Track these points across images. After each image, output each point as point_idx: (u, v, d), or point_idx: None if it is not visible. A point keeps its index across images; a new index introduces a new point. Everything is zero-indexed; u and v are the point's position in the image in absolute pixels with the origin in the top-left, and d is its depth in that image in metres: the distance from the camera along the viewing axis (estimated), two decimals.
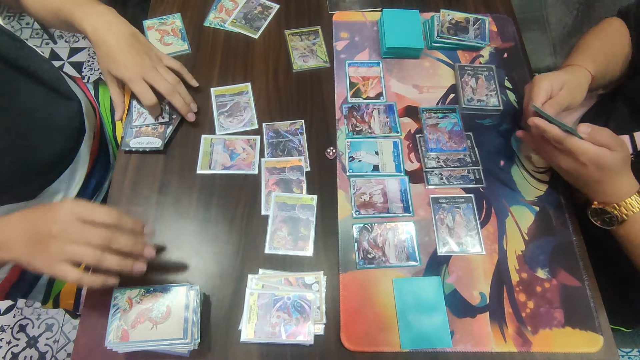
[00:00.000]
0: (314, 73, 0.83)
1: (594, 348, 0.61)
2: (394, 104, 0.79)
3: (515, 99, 0.81)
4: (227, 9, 0.89)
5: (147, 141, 0.73)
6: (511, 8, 0.93)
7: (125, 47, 0.68)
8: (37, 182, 0.67)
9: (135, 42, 0.69)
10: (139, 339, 0.55)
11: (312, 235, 0.67)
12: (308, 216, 0.69)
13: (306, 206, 0.70)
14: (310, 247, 0.67)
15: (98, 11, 0.68)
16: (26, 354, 1.37)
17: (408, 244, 0.67)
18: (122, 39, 0.68)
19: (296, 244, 0.67)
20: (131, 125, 0.73)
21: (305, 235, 0.67)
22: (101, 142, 0.83)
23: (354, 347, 0.60)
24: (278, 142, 0.75)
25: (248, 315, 0.60)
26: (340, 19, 0.89)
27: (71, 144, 0.73)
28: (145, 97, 0.69)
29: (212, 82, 0.81)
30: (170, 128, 0.74)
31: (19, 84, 0.63)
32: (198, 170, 0.72)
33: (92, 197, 0.81)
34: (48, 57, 1.88)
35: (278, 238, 0.67)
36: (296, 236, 0.67)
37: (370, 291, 0.64)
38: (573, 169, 0.61)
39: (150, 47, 0.72)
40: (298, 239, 0.67)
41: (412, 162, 0.74)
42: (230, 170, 0.73)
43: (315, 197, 0.70)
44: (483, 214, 0.70)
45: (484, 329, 0.62)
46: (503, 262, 0.66)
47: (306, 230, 0.68)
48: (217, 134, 0.75)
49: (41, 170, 0.68)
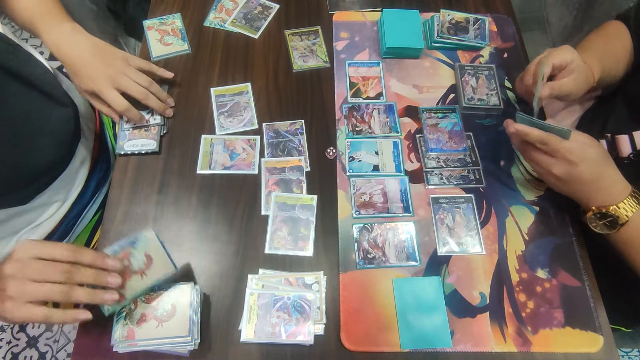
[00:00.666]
0: (314, 73, 0.83)
1: (594, 348, 0.61)
2: (394, 104, 0.79)
3: (515, 99, 0.81)
4: (227, 9, 0.89)
5: (142, 143, 0.73)
6: (511, 8, 0.93)
7: (89, 59, 0.68)
8: (30, 187, 0.67)
9: (98, 53, 0.69)
10: (144, 337, 0.56)
11: (312, 235, 0.67)
12: (308, 216, 0.69)
13: (306, 206, 0.70)
14: (310, 247, 0.67)
15: (60, 30, 0.68)
16: (26, 354, 1.37)
17: (408, 244, 0.67)
18: (85, 52, 0.68)
19: (296, 244, 0.67)
20: (122, 128, 0.74)
21: (305, 235, 0.68)
22: (101, 142, 0.83)
23: (354, 347, 0.60)
24: (278, 142, 0.75)
25: (248, 315, 0.60)
26: (340, 19, 0.89)
27: (65, 150, 0.73)
28: (116, 104, 0.69)
29: (212, 82, 0.81)
30: (164, 129, 0.74)
31: (12, 89, 0.63)
32: (198, 170, 0.72)
33: (92, 197, 0.81)
34: (48, 58, 1.89)
35: (278, 238, 0.67)
36: (296, 236, 0.67)
37: (370, 291, 0.64)
38: (566, 172, 0.60)
39: (115, 53, 0.71)
40: (298, 239, 0.67)
41: (412, 162, 0.74)
42: (230, 170, 0.73)
43: (315, 197, 0.70)
44: (483, 214, 0.70)
45: (484, 329, 0.62)
46: (503, 262, 0.66)
47: (306, 230, 0.68)
48: (217, 134, 0.76)
49: (34, 176, 0.67)
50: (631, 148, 0.69)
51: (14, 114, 0.63)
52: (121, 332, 0.56)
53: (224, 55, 0.84)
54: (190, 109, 0.78)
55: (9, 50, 0.63)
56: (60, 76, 0.77)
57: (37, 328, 1.41)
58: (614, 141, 0.72)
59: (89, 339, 0.60)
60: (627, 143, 0.70)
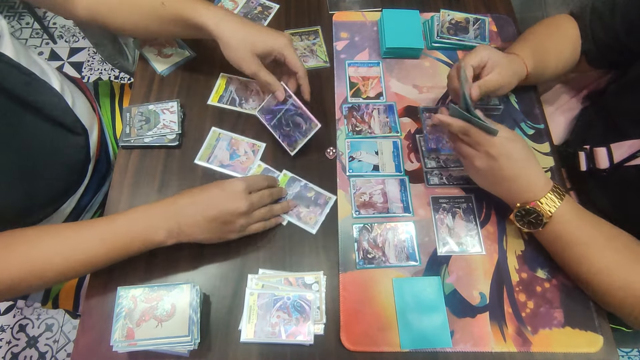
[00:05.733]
0: (314, 73, 0.83)
1: (594, 348, 0.61)
2: (394, 104, 0.79)
3: (515, 99, 0.81)
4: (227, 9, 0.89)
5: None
6: (511, 8, 0.93)
7: (253, 24, 0.69)
8: (41, 213, 0.67)
9: (248, 23, 0.70)
10: (144, 337, 0.56)
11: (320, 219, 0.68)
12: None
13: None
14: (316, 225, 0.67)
15: (213, 7, 0.69)
16: (26, 354, 1.37)
17: (408, 244, 0.67)
18: (243, 20, 0.69)
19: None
20: (124, 140, 0.73)
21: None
22: (102, 142, 0.83)
23: (354, 347, 0.60)
24: (278, 119, 0.73)
25: (248, 315, 0.60)
26: (340, 19, 0.89)
27: (76, 176, 0.73)
28: (297, 62, 0.69)
29: (213, 83, 0.81)
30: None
31: (26, 119, 0.63)
32: (196, 160, 0.73)
33: (92, 197, 0.81)
34: (48, 57, 1.89)
35: None
36: None
37: (370, 291, 0.64)
38: (488, 166, 0.60)
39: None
40: None
41: (412, 162, 0.74)
42: (226, 169, 0.73)
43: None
44: (483, 214, 0.70)
45: (483, 329, 0.62)
46: (503, 262, 0.66)
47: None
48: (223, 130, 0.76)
49: (46, 203, 0.68)
50: (608, 161, 0.70)
51: (28, 144, 0.63)
52: (121, 332, 0.56)
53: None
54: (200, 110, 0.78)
55: (25, 81, 0.62)
56: (72, 98, 0.75)
57: (37, 328, 1.41)
58: (592, 154, 0.73)
59: (89, 339, 0.60)
60: (604, 156, 0.71)
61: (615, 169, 0.69)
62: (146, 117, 0.75)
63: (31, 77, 0.64)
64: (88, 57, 1.92)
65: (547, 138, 0.78)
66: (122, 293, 0.58)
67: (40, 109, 0.65)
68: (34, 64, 0.67)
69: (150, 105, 0.76)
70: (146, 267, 0.65)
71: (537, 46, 0.74)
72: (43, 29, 1.92)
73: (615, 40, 0.72)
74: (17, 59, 0.62)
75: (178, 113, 0.75)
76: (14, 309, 1.44)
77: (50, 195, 0.68)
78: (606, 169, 0.71)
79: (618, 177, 0.69)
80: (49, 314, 1.43)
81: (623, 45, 0.71)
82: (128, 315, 0.57)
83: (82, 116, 0.74)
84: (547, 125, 0.79)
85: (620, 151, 0.68)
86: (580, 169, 0.76)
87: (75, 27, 1.99)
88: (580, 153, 0.76)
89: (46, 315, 1.43)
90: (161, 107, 0.76)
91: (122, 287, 0.58)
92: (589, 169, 0.74)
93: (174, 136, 0.73)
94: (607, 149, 0.70)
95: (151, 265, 0.65)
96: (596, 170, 0.73)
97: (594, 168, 0.73)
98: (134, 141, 0.73)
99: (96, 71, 1.88)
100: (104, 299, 0.62)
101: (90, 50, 1.93)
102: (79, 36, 1.97)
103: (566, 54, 0.76)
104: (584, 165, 0.75)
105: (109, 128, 0.88)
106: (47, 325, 1.42)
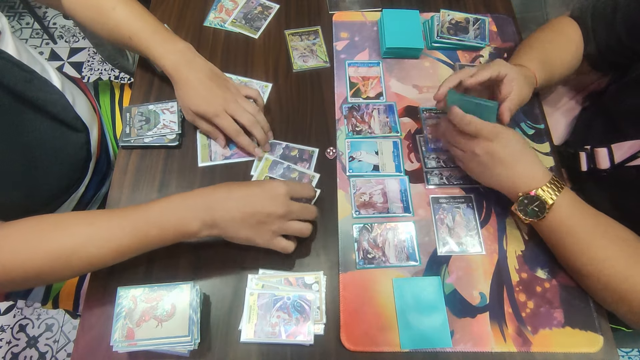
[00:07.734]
0: (314, 73, 0.83)
1: (594, 348, 0.61)
2: (394, 104, 0.79)
3: None
4: (227, 9, 0.89)
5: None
6: (511, 8, 0.93)
7: (207, 82, 0.69)
8: (42, 211, 0.67)
9: (215, 77, 0.70)
10: (144, 337, 0.56)
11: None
12: None
13: None
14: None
15: (176, 50, 0.69)
16: (26, 354, 1.37)
17: (408, 244, 0.67)
18: (203, 75, 0.69)
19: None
20: (123, 140, 0.73)
21: None
22: (102, 142, 0.83)
23: (354, 347, 0.60)
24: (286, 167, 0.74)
25: (248, 315, 0.60)
26: (340, 19, 0.89)
27: (78, 173, 0.73)
28: (230, 129, 0.69)
29: None
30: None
31: (27, 116, 0.63)
32: (199, 164, 0.73)
33: (92, 197, 0.81)
34: (48, 57, 1.89)
35: None
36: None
37: (370, 291, 0.64)
38: (486, 151, 0.60)
39: (227, 80, 0.73)
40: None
41: (412, 162, 0.74)
42: (231, 159, 0.73)
43: (316, 197, 0.70)
44: (483, 214, 0.70)
45: (483, 329, 0.62)
46: (503, 262, 0.66)
47: None
48: None
49: (48, 200, 0.68)
50: (609, 161, 0.70)
51: (29, 142, 0.63)
52: (121, 332, 0.56)
53: (224, 55, 0.84)
54: None
55: (26, 78, 0.63)
56: (73, 97, 0.76)
57: (37, 328, 1.41)
58: (593, 154, 0.73)
59: (89, 339, 0.60)
60: (605, 156, 0.71)
61: (616, 169, 0.69)
62: (146, 117, 0.75)
63: (32, 74, 0.64)
64: (88, 57, 1.92)
65: (547, 138, 0.78)
66: (122, 293, 0.58)
67: (42, 106, 0.65)
68: (35, 62, 0.67)
69: (150, 105, 0.76)
70: (146, 267, 0.65)
71: (545, 57, 0.74)
72: (43, 29, 1.92)
73: (617, 42, 0.72)
74: (18, 56, 0.62)
75: (178, 113, 0.75)
76: (14, 309, 1.44)
77: (51, 192, 0.68)
78: (607, 170, 0.71)
79: (618, 178, 0.69)
80: (49, 314, 1.43)
81: (625, 47, 0.71)
82: (128, 315, 0.57)
83: (83, 115, 0.75)
84: (547, 125, 0.79)
85: (620, 152, 0.68)
86: (581, 169, 0.76)
87: (75, 27, 1.99)
88: (581, 153, 0.76)
89: (46, 315, 1.43)
90: (161, 107, 0.76)
91: (122, 287, 0.58)
92: (590, 169, 0.74)
93: (174, 136, 0.73)
94: (608, 149, 0.70)
95: (151, 265, 0.65)
96: (597, 171, 0.73)
97: (595, 168, 0.73)
98: (134, 141, 0.73)
99: (96, 71, 1.89)
100: (104, 299, 0.62)
101: (90, 50, 1.93)
102: (79, 36, 1.97)
103: (571, 60, 0.77)
104: (585, 165, 0.75)
105: (109, 128, 0.89)
106: (47, 325, 1.42)
